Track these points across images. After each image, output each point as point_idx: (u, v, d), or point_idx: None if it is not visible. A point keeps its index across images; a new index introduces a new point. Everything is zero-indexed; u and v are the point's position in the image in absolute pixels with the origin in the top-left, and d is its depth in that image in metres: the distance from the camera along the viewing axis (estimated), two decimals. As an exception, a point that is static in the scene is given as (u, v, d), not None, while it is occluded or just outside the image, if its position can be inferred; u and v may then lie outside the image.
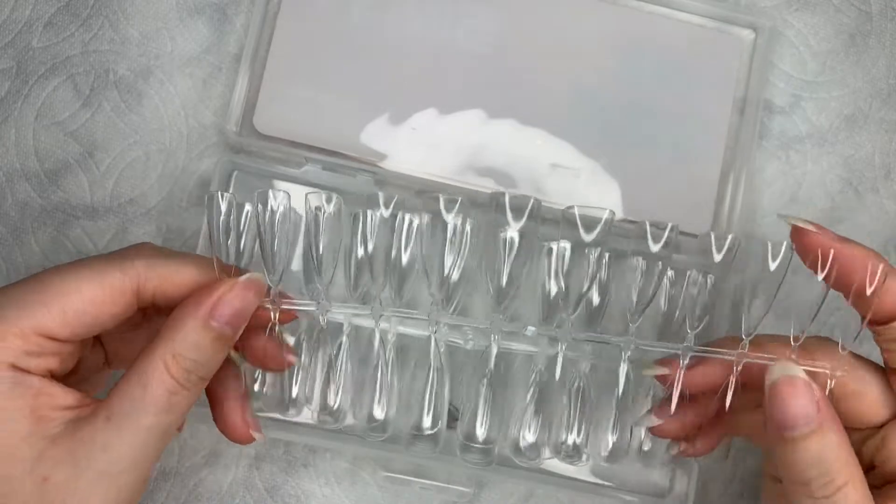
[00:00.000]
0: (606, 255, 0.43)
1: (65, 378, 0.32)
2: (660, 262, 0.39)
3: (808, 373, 0.33)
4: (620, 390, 0.40)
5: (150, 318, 0.36)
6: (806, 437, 0.31)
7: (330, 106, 0.44)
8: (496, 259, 0.44)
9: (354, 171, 0.44)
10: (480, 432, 0.41)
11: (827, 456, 0.31)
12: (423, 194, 0.44)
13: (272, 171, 0.44)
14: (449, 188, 0.44)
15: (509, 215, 0.40)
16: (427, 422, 0.42)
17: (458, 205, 0.39)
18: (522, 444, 0.41)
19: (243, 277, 0.33)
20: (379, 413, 0.41)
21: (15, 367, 0.30)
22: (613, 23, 0.46)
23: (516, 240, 0.43)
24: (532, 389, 0.43)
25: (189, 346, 0.31)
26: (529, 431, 0.42)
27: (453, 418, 0.43)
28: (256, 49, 0.44)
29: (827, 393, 0.33)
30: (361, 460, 0.44)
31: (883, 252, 0.46)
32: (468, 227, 0.43)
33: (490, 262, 0.44)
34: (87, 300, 0.31)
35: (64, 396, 0.31)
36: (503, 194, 0.39)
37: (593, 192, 0.45)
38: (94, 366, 0.37)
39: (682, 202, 0.45)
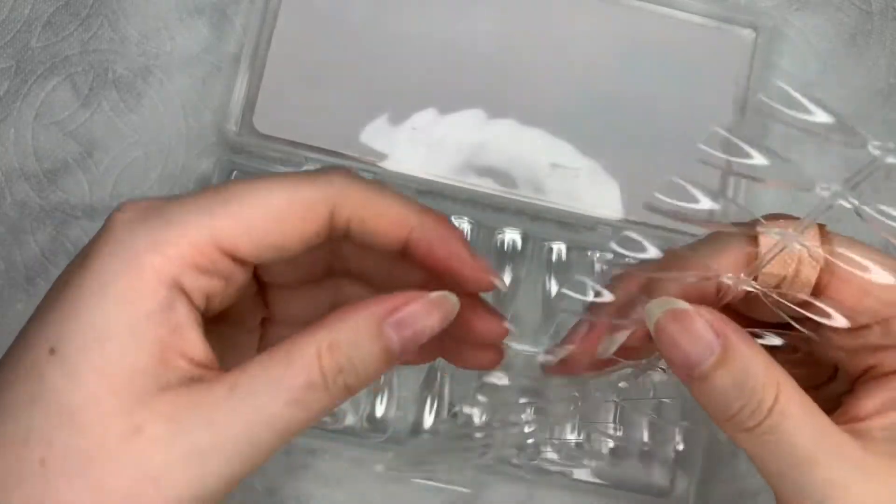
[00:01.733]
0: (606, 255, 0.43)
1: (208, 326, 0.27)
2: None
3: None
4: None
5: (334, 273, 0.31)
6: (714, 368, 0.26)
7: (330, 105, 0.44)
8: (497, 261, 0.44)
9: (354, 170, 0.44)
10: (480, 432, 0.41)
11: (744, 379, 0.26)
12: (423, 195, 0.44)
13: (272, 171, 0.44)
14: (449, 188, 0.44)
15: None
16: (427, 422, 0.42)
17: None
18: (523, 444, 0.41)
19: (435, 294, 0.27)
20: (379, 413, 0.41)
21: (175, 285, 0.25)
22: (614, 22, 0.46)
23: (517, 241, 0.43)
24: (532, 389, 0.43)
25: (352, 342, 0.26)
26: (529, 431, 0.42)
27: (453, 418, 0.42)
28: (256, 49, 0.44)
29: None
30: (361, 460, 0.44)
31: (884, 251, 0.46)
32: (469, 228, 0.43)
33: (490, 263, 0.44)
34: (276, 213, 0.26)
35: (196, 347, 0.25)
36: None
37: (593, 192, 0.45)
38: (245, 323, 0.31)
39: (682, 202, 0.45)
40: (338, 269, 0.31)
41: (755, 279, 0.28)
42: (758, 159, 0.26)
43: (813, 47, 0.48)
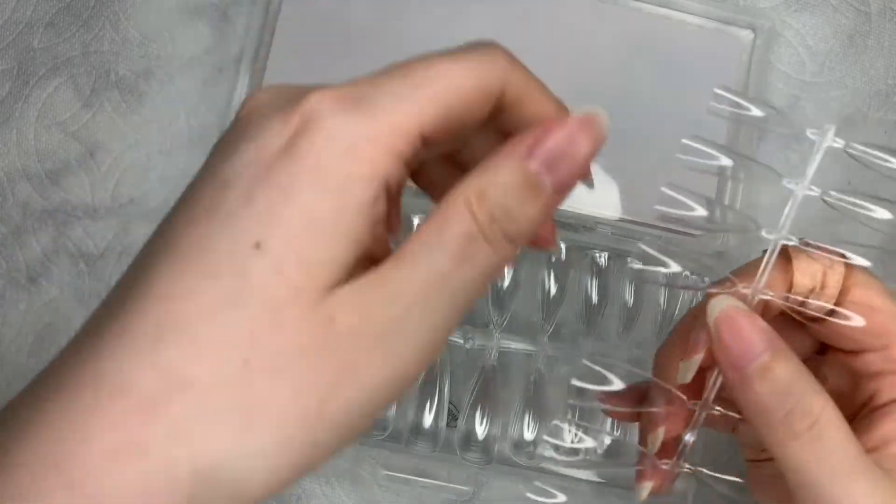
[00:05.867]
0: (605, 255, 0.43)
1: None
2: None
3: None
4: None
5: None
6: (767, 366, 0.28)
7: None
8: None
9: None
10: (480, 431, 0.42)
11: (795, 381, 0.28)
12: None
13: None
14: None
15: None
16: (427, 420, 0.42)
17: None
18: (522, 442, 0.41)
19: (579, 111, 0.25)
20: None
21: (385, 177, 0.24)
22: (613, 23, 0.46)
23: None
24: (531, 388, 0.43)
25: (499, 185, 0.24)
26: (528, 430, 0.42)
27: (453, 417, 0.43)
28: (257, 50, 0.44)
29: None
30: (361, 460, 0.44)
31: (880, 255, 0.46)
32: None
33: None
34: (465, 94, 0.25)
35: (384, 239, 0.25)
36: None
37: (593, 191, 0.45)
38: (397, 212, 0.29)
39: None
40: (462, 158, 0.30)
41: (789, 290, 0.31)
42: (755, 112, 0.31)
43: (811, 48, 0.48)
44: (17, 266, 0.44)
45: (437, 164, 0.29)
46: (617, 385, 0.31)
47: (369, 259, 0.24)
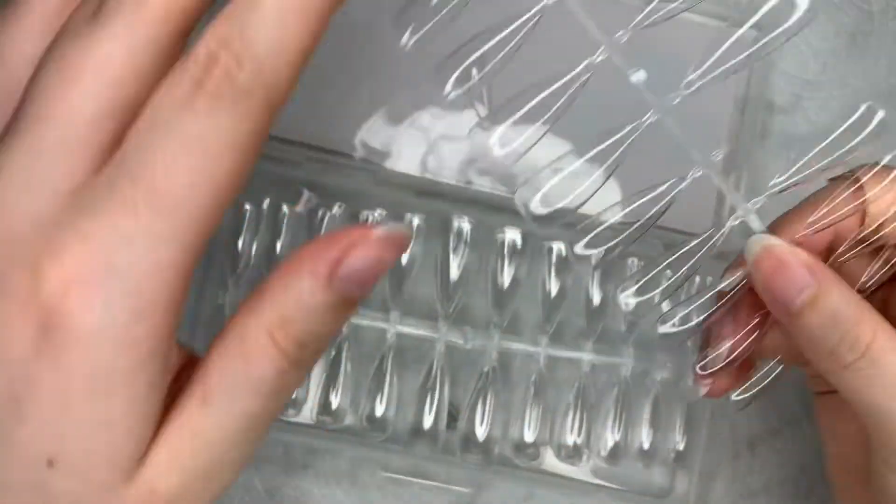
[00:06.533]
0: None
1: None
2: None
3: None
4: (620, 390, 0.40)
5: None
6: (812, 302, 0.28)
7: (329, 104, 0.44)
8: (496, 260, 0.44)
9: (354, 170, 0.44)
10: (480, 432, 0.41)
11: (842, 313, 0.28)
12: (423, 195, 0.44)
13: (271, 170, 0.44)
14: (449, 188, 0.44)
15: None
16: (426, 422, 0.42)
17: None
18: (522, 444, 0.41)
19: (381, 230, 0.23)
20: (378, 413, 0.41)
21: (169, 336, 0.22)
22: (614, 22, 0.46)
23: (517, 241, 0.43)
24: (532, 389, 0.43)
25: (302, 311, 0.23)
26: (529, 431, 0.42)
27: (453, 418, 0.42)
28: (255, 48, 0.44)
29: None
30: (361, 461, 0.44)
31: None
32: (469, 228, 0.43)
33: (490, 262, 0.44)
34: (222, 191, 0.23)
35: (172, 350, 0.23)
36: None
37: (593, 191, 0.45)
38: None
39: (683, 202, 0.45)
40: None
41: (862, 223, 0.30)
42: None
43: (813, 47, 0.48)
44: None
45: None
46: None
47: (177, 360, 0.24)
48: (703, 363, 0.32)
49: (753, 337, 0.31)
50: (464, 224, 0.43)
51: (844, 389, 0.29)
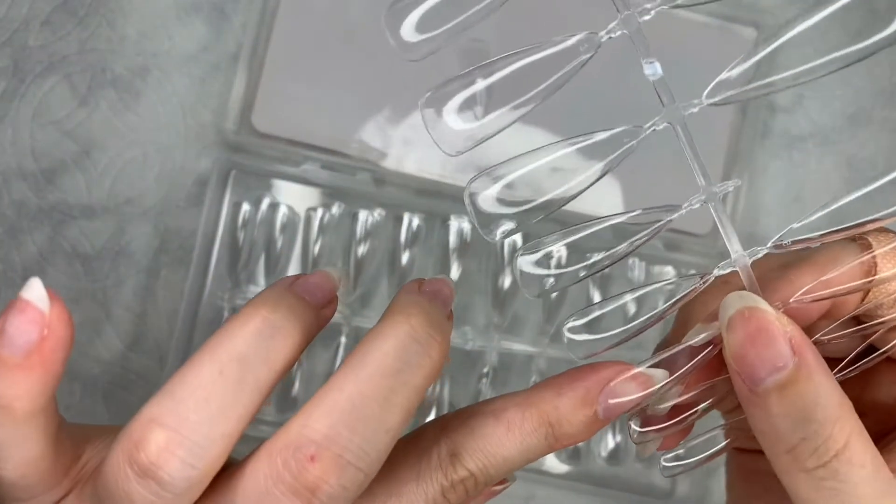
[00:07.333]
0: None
1: None
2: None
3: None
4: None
5: None
6: (783, 386, 0.23)
7: (329, 104, 0.44)
8: (495, 260, 0.43)
9: (354, 169, 0.44)
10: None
11: (814, 408, 0.23)
12: (423, 195, 0.44)
13: (271, 170, 0.44)
14: (449, 188, 0.44)
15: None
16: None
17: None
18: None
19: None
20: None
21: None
22: (614, 20, 0.46)
23: (518, 241, 0.43)
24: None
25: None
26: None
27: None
28: (255, 47, 0.44)
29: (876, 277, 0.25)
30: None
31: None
32: (469, 228, 0.43)
33: (490, 263, 0.44)
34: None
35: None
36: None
37: (594, 191, 0.44)
38: None
39: (684, 202, 0.45)
40: None
41: (866, 293, 0.25)
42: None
43: (815, 45, 0.48)
44: (13, 266, 0.44)
45: None
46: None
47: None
48: (641, 418, 0.27)
49: (701, 406, 0.26)
50: (464, 224, 0.43)
51: (795, 495, 0.24)
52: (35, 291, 0.23)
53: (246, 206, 0.43)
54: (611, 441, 0.43)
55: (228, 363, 0.23)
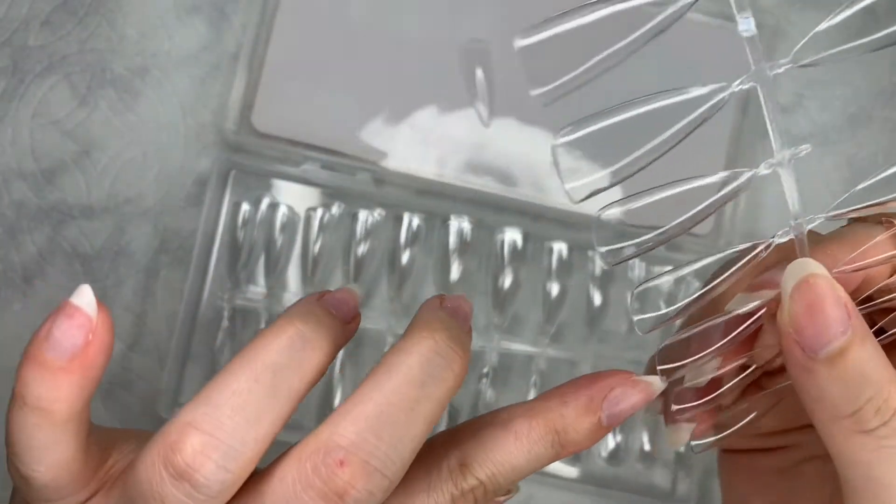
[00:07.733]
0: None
1: None
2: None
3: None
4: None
5: None
6: (844, 351, 0.23)
7: (329, 104, 0.44)
8: (496, 261, 0.43)
9: (354, 169, 0.44)
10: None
11: (873, 370, 0.23)
12: (423, 195, 0.44)
13: (271, 170, 0.44)
14: (449, 188, 0.44)
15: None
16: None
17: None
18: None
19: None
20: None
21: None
22: (614, 21, 0.46)
23: (518, 241, 0.43)
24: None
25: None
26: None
27: (453, 419, 0.42)
28: (255, 47, 0.44)
29: None
30: (361, 462, 0.44)
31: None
32: (469, 228, 0.43)
33: (491, 263, 0.43)
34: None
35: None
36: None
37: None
38: None
39: (684, 203, 0.45)
40: None
41: (892, 274, 0.26)
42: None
43: (816, 44, 0.48)
44: (13, 266, 0.44)
45: None
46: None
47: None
48: (679, 394, 0.28)
49: (737, 380, 0.27)
50: (464, 224, 0.43)
51: (850, 462, 0.24)
52: (85, 297, 0.24)
53: (246, 206, 0.43)
54: (611, 441, 0.43)
55: (263, 372, 0.24)
